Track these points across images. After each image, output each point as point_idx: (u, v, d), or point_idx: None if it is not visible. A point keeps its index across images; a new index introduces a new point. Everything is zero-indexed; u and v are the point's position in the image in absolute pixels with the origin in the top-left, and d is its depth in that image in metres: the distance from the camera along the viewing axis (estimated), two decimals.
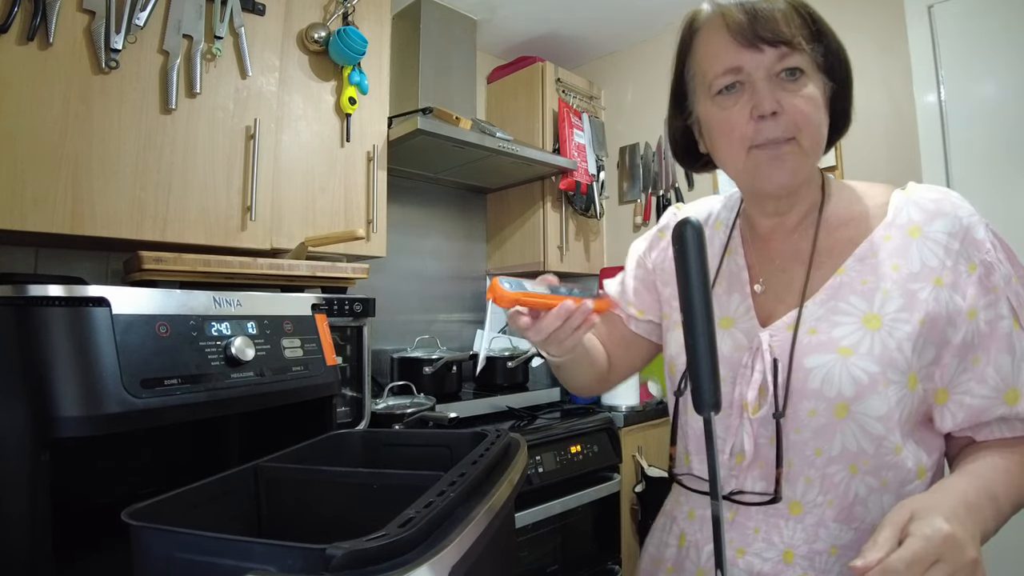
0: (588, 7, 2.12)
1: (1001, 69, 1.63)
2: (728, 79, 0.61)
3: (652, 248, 0.83)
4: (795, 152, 0.60)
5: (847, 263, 0.63)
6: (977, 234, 0.59)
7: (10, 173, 1.00)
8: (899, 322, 0.58)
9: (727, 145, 0.64)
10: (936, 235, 0.60)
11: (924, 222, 0.61)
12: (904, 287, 0.59)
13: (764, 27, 0.58)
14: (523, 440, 0.72)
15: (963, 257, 0.59)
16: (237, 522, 0.61)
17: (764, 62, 0.59)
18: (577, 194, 2.17)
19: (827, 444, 0.60)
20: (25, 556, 0.62)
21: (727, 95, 0.62)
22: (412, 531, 0.40)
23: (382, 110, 1.66)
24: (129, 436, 0.79)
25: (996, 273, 0.58)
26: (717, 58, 0.62)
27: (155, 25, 1.18)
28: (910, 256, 0.60)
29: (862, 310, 0.60)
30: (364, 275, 1.38)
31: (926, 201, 0.63)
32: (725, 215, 0.79)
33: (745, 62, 0.60)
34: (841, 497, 0.59)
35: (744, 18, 0.59)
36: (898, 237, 0.62)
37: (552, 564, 1.51)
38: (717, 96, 0.62)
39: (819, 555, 0.59)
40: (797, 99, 0.59)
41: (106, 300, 0.69)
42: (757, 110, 0.59)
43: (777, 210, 0.69)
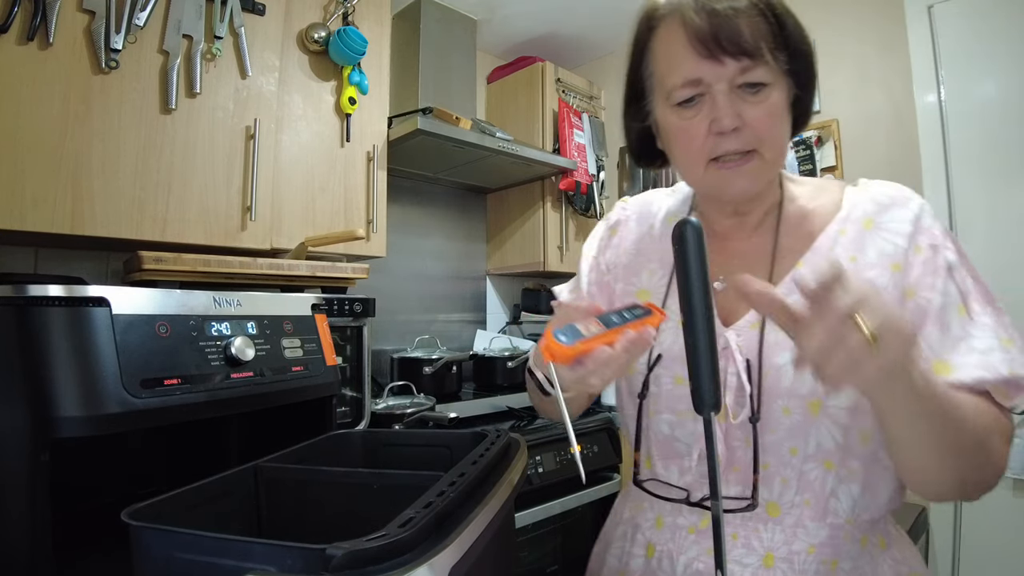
0: (588, 7, 2.12)
1: (1001, 69, 1.63)
2: (688, 92, 0.59)
3: (605, 248, 0.80)
4: (756, 164, 0.60)
5: (805, 257, 0.63)
6: (925, 221, 0.61)
7: (10, 173, 1.00)
8: None
9: (686, 156, 0.63)
10: (890, 224, 0.62)
11: (877, 214, 0.63)
12: (860, 277, 0.60)
13: (726, 36, 0.55)
14: (523, 440, 0.72)
15: (913, 241, 0.60)
16: (237, 522, 0.61)
17: (725, 74, 0.56)
18: (577, 194, 2.17)
19: (802, 442, 0.59)
20: (25, 556, 0.62)
21: (687, 107, 0.60)
22: (412, 531, 0.40)
23: (382, 110, 1.66)
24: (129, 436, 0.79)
25: (940, 256, 0.59)
26: (676, 67, 0.59)
27: (155, 25, 1.18)
28: (865, 247, 0.61)
29: None
30: (364, 275, 1.38)
31: (879, 195, 0.64)
32: (677, 209, 0.77)
33: (705, 74, 0.57)
34: (817, 494, 0.59)
35: (705, 24, 0.56)
36: (853, 231, 0.63)
37: (552, 564, 1.51)
38: (676, 106, 0.60)
39: (797, 555, 0.59)
40: (759, 112, 0.57)
41: (106, 300, 0.69)
42: (717, 125, 0.58)
43: (737, 211, 0.68)
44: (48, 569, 0.63)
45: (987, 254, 1.64)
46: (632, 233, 0.78)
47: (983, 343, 0.56)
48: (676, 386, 0.65)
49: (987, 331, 0.57)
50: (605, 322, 0.51)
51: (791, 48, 0.59)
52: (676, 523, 0.66)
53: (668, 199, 0.79)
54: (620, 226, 0.80)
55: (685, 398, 0.63)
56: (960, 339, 0.57)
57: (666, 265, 0.72)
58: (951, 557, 1.64)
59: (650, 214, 0.79)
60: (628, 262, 0.76)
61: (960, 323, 0.58)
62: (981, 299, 0.59)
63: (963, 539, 1.64)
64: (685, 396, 0.63)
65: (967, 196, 1.68)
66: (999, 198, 1.64)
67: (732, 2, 0.56)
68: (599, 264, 0.80)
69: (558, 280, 2.86)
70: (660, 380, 0.67)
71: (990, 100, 1.65)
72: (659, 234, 0.76)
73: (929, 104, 1.73)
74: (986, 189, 1.66)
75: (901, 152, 1.78)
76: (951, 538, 1.65)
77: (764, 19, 0.57)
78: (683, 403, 0.64)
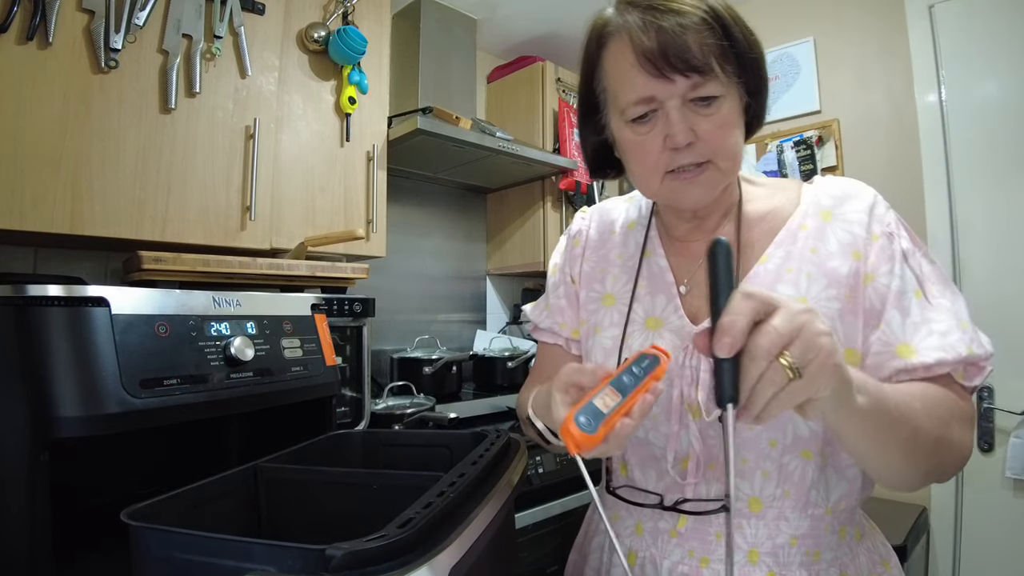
0: (588, 7, 2.09)
1: (1002, 69, 1.63)
2: (641, 109, 0.59)
3: (572, 261, 0.80)
4: (711, 174, 0.61)
5: (768, 250, 0.65)
6: (879, 209, 0.64)
7: (9, 172, 1.00)
8: (827, 300, 0.60)
9: (642, 169, 0.64)
10: (847, 215, 0.64)
11: (834, 206, 0.65)
12: (824, 267, 0.62)
13: (674, 55, 0.56)
14: (523, 440, 0.72)
15: (869, 230, 0.62)
16: (237, 522, 0.61)
17: (676, 91, 0.57)
18: (577, 194, 2.17)
19: (781, 433, 0.60)
20: (25, 556, 0.62)
21: (641, 123, 0.60)
22: (412, 531, 0.40)
23: (382, 110, 1.66)
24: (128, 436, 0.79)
25: (895, 243, 0.61)
26: (627, 85, 0.60)
27: (155, 25, 1.18)
28: (826, 238, 0.63)
29: (791, 296, 0.61)
30: (364, 275, 1.38)
31: (833, 189, 0.67)
32: (636, 215, 0.78)
33: (657, 92, 0.58)
34: (798, 486, 0.60)
35: (653, 44, 0.56)
36: (812, 224, 0.65)
37: (552, 564, 1.51)
38: (631, 122, 0.61)
39: (781, 549, 0.59)
40: (711, 124, 0.58)
41: (105, 300, 0.69)
42: (671, 141, 0.58)
43: (696, 216, 0.70)
44: (48, 569, 0.63)
45: (987, 254, 1.64)
46: (592, 241, 0.80)
47: (942, 325, 0.58)
48: None
49: (946, 313, 0.59)
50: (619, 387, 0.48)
51: (740, 59, 0.60)
52: (657, 527, 0.65)
53: (627, 206, 0.81)
54: (580, 235, 0.81)
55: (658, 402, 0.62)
56: (920, 323, 0.58)
57: (629, 271, 0.74)
58: (951, 557, 1.64)
59: (609, 221, 0.80)
60: (590, 269, 0.78)
61: (919, 307, 0.59)
62: (939, 283, 0.61)
63: (963, 539, 1.64)
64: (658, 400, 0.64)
65: (967, 196, 1.68)
66: (999, 198, 1.64)
67: (679, 18, 0.56)
68: (566, 277, 0.81)
69: None
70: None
71: (991, 100, 1.65)
72: (620, 240, 0.77)
73: (930, 104, 1.73)
74: (986, 189, 1.66)
75: (901, 152, 1.78)
76: (951, 538, 1.65)
77: (712, 32, 0.57)
78: (656, 406, 0.62)
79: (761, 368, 0.42)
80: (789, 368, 0.41)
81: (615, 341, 0.70)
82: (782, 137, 1.96)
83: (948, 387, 0.57)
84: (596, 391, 0.47)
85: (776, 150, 1.97)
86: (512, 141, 1.87)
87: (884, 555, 0.66)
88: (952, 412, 0.55)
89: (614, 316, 0.72)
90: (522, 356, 1.98)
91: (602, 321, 0.73)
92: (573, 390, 0.51)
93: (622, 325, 0.70)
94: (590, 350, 0.74)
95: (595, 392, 0.47)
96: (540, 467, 1.47)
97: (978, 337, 0.58)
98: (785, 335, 0.41)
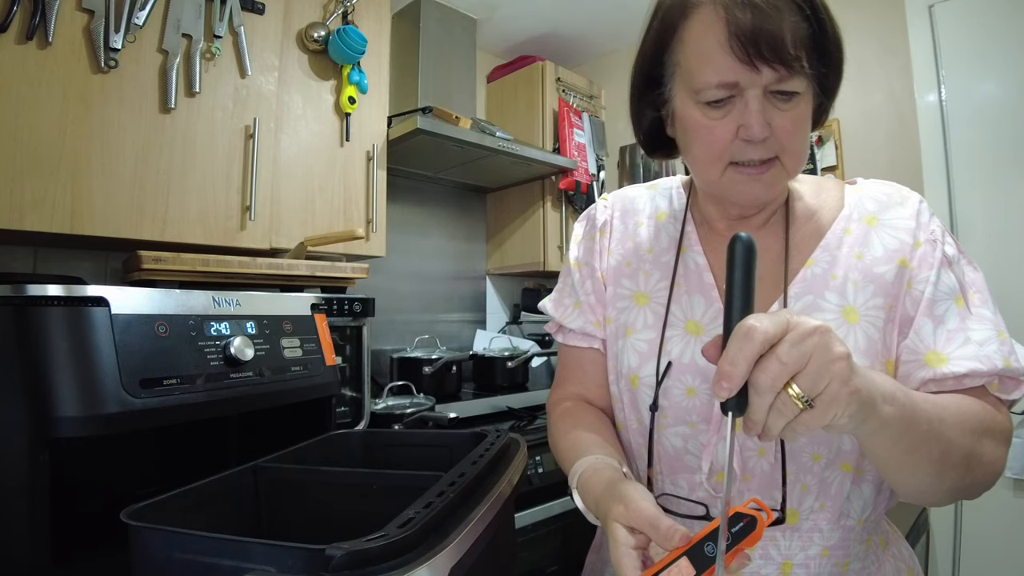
0: (588, 6, 2.12)
1: (1002, 69, 1.63)
2: (720, 93, 0.55)
3: (597, 254, 0.75)
4: (776, 172, 0.58)
5: (815, 254, 0.62)
6: (924, 216, 0.62)
7: (9, 172, 1.00)
8: (873, 309, 0.58)
9: (705, 155, 0.60)
10: (894, 221, 0.62)
11: (880, 211, 0.63)
12: (870, 273, 0.60)
13: (767, 43, 0.52)
14: (523, 440, 0.72)
15: (915, 236, 0.60)
16: (237, 522, 0.61)
17: (761, 81, 0.54)
18: (577, 194, 2.17)
19: (825, 448, 0.58)
20: (25, 556, 0.62)
21: (715, 107, 0.56)
22: (412, 531, 0.40)
23: (382, 109, 1.66)
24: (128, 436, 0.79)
25: (939, 249, 0.59)
26: (711, 66, 0.55)
27: (154, 24, 1.18)
28: (871, 244, 0.61)
29: (838, 304, 0.59)
30: (364, 275, 1.38)
31: (878, 193, 0.65)
32: (666, 206, 0.73)
33: (741, 78, 0.54)
34: (834, 498, 0.58)
35: (748, 25, 0.52)
36: (857, 229, 0.62)
37: (552, 565, 1.50)
38: (704, 104, 0.57)
39: (813, 560, 0.58)
40: (786, 120, 0.55)
41: (105, 300, 0.69)
42: (746, 132, 0.55)
43: (743, 214, 0.66)
44: (48, 569, 0.63)
45: (987, 254, 1.64)
46: (618, 232, 0.75)
47: (980, 335, 0.56)
48: (687, 398, 0.62)
49: (986, 323, 0.56)
50: (696, 561, 0.40)
51: (828, 57, 0.57)
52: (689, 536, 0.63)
53: (651, 194, 0.76)
54: (606, 227, 0.75)
55: (696, 409, 0.61)
56: (957, 331, 0.56)
57: (663, 268, 0.69)
58: (951, 557, 1.64)
59: (634, 210, 0.75)
60: (616, 264, 0.73)
61: (958, 315, 0.57)
62: (981, 291, 0.59)
63: (963, 539, 1.64)
64: (697, 408, 0.62)
65: (967, 196, 1.68)
66: (999, 198, 1.64)
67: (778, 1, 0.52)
68: (593, 271, 0.75)
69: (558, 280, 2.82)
70: (670, 392, 0.63)
71: (991, 100, 1.65)
72: (650, 233, 0.72)
73: (930, 104, 1.73)
74: (986, 189, 1.66)
75: (902, 152, 1.78)
76: (951, 538, 1.65)
77: (807, 22, 0.54)
78: (695, 414, 0.62)
79: (767, 401, 0.40)
80: (797, 399, 0.39)
81: (651, 345, 0.65)
82: None
83: (982, 399, 0.54)
84: (667, 561, 0.42)
85: None
86: (512, 141, 1.87)
87: (909, 562, 0.65)
88: (984, 425, 0.52)
89: (648, 317, 0.67)
90: (522, 356, 1.98)
91: (634, 322, 0.68)
92: (639, 534, 0.47)
93: (659, 328, 0.66)
94: (620, 352, 0.69)
95: (665, 563, 0.42)
96: (540, 467, 1.47)
97: (1015, 351, 0.55)
98: (791, 365, 0.39)
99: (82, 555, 0.73)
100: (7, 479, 0.63)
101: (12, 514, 0.63)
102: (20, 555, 0.62)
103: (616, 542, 0.47)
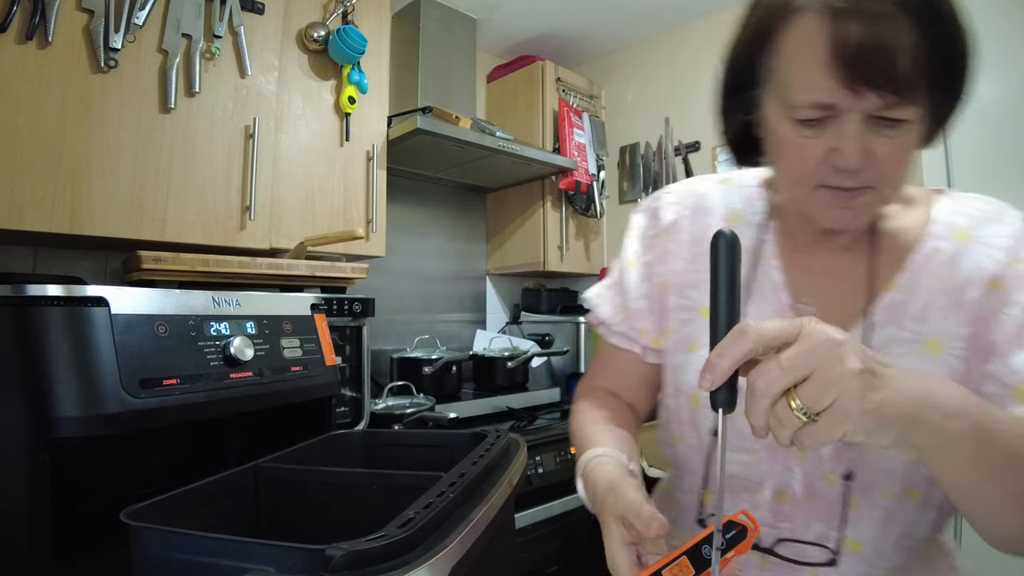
0: (588, 6, 2.12)
1: (1003, 69, 1.63)
2: (814, 114, 0.49)
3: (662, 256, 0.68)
4: (869, 199, 0.51)
5: (899, 277, 0.57)
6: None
7: (9, 172, 1.00)
8: (958, 339, 0.54)
9: (791, 173, 0.54)
10: (990, 239, 0.55)
11: (974, 227, 0.57)
12: (958, 298, 0.54)
13: (877, 68, 0.44)
14: (523, 440, 0.72)
15: (1012, 255, 0.54)
16: (237, 522, 0.61)
17: (863, 106, 0.46)
18: (577, 194, 2.17)
19: (898, 486, 0.54)
20: (25, 556, 0.62)
21: (807, 126, 0.50)
22: (412, 531, 0.40)
23: (381, 109, 1.66)
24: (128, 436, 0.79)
25: None
26: (807, 83, 0.48)
27: (154, 24, 1.18)
28: (961, 264, 0.55)
29: (921, 335, 0.54)
30: (363, 275, 1.38)
31: (972, 208, 0.59)
32: (741, 206, 0.66)
33: (840, 102, 0.47)
34: (900, 525, 0.56)
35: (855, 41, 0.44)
36: (947, 247, 0.56)
37: (552, 565, 1.51)
38: (795, 121, 0.50)
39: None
40: (890, 149, 0.48)
41: (105, 300, 0.69)
42: (838, 160, 0.48)
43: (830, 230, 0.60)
44: (48, 569, 0.63)
45: None
46: (685, 234, 0.67)
47: None
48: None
49: None
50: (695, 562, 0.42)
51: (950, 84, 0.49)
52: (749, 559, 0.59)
53: (723, 190, 0.68)
54: (675, 228, 0.68)
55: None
56: None
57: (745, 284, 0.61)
58: None
59: (706, 210, 0.67)
60: (683, 270, 0.67)
61: None
62: None
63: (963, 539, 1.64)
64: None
65: None
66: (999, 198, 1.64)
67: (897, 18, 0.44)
68: (652, 276, 0.69)
69: (558, 280, 2.82)
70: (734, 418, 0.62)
71: (990, 100, 1.65)
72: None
73: None
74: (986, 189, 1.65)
75: None
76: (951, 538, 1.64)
77: (929, 41, 0.45)
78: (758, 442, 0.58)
79: (762, 406, 0.38)
80: (796, 412, 0.37)
81: None
82: None
83: None
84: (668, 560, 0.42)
85: None
86: (512, 141, 1.87)
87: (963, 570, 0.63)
88: None
89: None
90: (522, 356, 1.98)
91: (699, 337, 0.63)
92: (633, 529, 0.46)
93: None
94: (681, 368, 0.64)
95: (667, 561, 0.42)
96: (540, 467, 1.47)
97: None
98: (791, 372, 0.36)
99: (82, 555, 0.73)
100: (7, 479, 0.63)
101: (12, 514, 0.63)
102: (20, 555, 0.62)
103: (611, 537, 0.47)
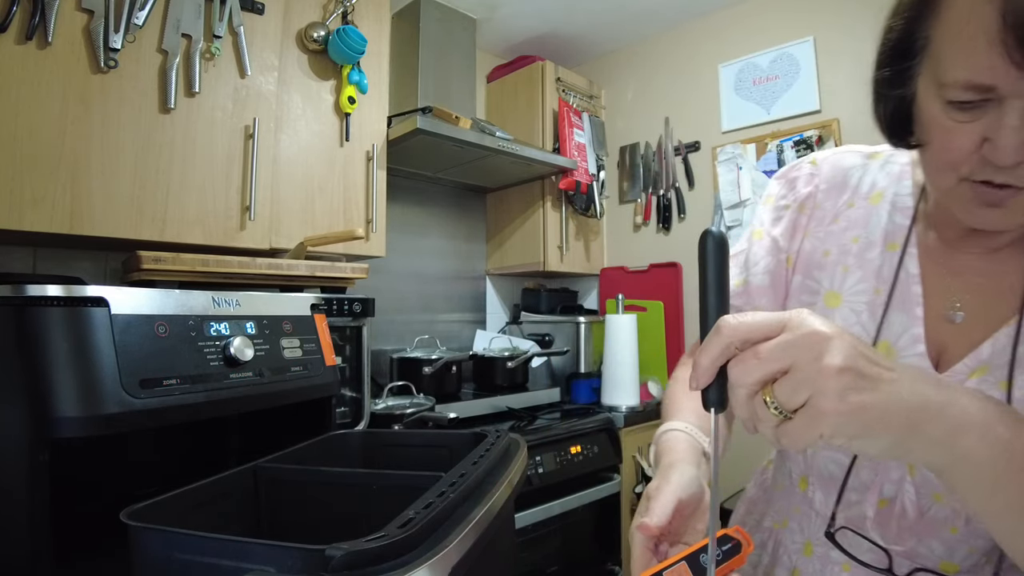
0: (588, 6, 2.12)
1: None
2: (969, 95, 0.41)
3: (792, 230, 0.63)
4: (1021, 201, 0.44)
5: None
6: None
7: (8, 172, 1.00)
8: None
9: (935, 160, 0.48)
10: None
11: None
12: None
13: None
14: (523, 441, 0.72)
15: None
16: (237, 522, 0.61)
17: None
18: (577, 194, 2.17)
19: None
20: (25, 556, 0.62)
21: (961, 109, 0.43)
22: (412, 532, 0.40)
23: (381, 109, 1.66)
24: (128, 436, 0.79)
25: None
26: (966, 59, 0.41)
27: (154, 24, 1.18)
28: None
29: None
30: (363, 275, 1.38)
31: None
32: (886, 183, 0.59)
33: (1002, 83, 0.39)
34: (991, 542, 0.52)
35: None
36: None
37: (552, 565, 1.51)
38: (948, 103, 0.44)
39: None
40: None
41: (105, 300, 0.69)
42: (992, 153, 0.42)
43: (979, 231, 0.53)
44: (48, 569, 0.63)
45: None
46: (821, 210, 0.62)
47: None
48: None
49: None
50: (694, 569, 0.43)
51: None
52: (828, 556, 0.57)
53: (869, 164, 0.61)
54: (809, 201, 0.63)
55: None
56: None
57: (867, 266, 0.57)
58: None
59: (846, 186, 0.61)
60: (811, 248, 0.62)
61: None
62: None
63: None
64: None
65: None
66: None
67: None
68: (779, 251, 0.64)
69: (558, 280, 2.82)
70: None
71: None
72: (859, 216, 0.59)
73: None
74: None
75: None
76: None
77: None
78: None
79: (738, 397, 0.37)
80: (771, 408, 0.35)
81: None
82: (782, 137, 1.96)
83: None
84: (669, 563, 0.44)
85: (776, 150, 1.97)
86: (512, 141, 1.87)
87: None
88: None
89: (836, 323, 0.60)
90: (522, 356, 1.98)
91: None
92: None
93: None
94: None
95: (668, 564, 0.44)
96: (540, 467, 1.47)
97: None
98: (768, 363, 0.35)
99: (82, 555, 0.73)
100: (7, 479, 0.63)
101: (12, 514, 0.63)
102: (20, 555, 0.62)
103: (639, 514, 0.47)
